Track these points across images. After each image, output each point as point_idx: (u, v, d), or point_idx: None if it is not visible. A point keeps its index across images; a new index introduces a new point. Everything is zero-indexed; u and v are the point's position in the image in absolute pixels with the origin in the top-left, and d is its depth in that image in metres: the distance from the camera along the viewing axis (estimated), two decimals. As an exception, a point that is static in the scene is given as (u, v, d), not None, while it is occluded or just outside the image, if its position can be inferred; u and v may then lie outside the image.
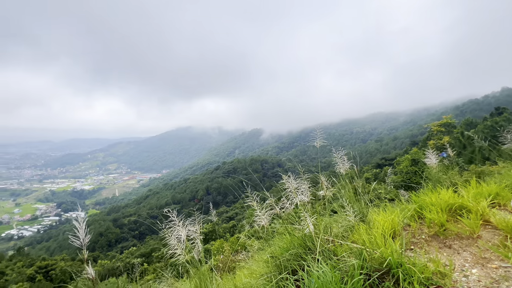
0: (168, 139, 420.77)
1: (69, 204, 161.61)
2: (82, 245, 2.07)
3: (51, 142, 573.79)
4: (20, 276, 30.53)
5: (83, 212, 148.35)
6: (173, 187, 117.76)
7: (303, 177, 2.73)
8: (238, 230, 33.32)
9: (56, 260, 32.63)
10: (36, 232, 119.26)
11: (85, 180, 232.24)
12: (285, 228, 2.41)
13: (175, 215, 2.60)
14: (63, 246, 73.28)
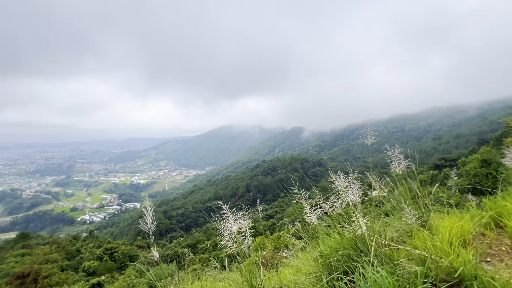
0: (211, 138, 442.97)
1: (127, 196, 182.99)
2: (149, 231, 2.32)
3: (114, 141, 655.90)
4: (91, 255, 35.73)
5: (139, 203, 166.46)
6: (215, 183, 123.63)
7: (352, 176, 2.58)
8: (277, 229, 33.33)
9: (118, 244, 37.30)
10: (102, 218, 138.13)
11: (140, 174, 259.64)
12: (334, 228, 2.31)
13: (221, 209, 2.73)
14: (123, 232, 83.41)
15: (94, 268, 26.04)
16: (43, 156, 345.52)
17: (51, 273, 19.27)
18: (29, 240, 47.34)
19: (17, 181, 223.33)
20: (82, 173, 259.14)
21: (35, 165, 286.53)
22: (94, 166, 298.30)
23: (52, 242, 40.51)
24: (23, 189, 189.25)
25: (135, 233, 72.90)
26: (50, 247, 35.62)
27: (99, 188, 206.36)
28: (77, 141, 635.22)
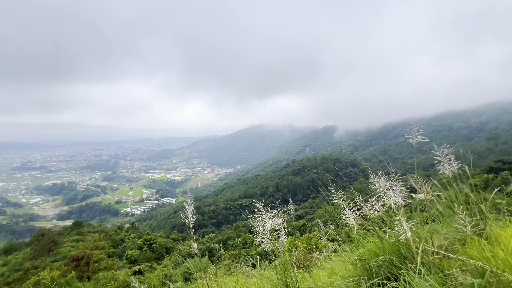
0: (241, 137, 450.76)
1: (164, 191, 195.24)
2: (190, 224, 2.44)
3: (153, 140, 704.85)
4: (133, 245, 38.88)
5: (174, 199, 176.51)
6: (245, 182, 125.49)
7: (393, 177, 2.40)
8: (308, 230, 32.64)
9: (156, 236, 40.05)
10: (142, 211, 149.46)
11: (175, 172, 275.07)
12: (374, 231, 2.18)
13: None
14: (160, 225, 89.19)
15: (135, 257, 28.33)
16: (93, 153, 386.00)
17: (100, 258, 21.46)
18: (82, 228, 53.22)
19: (73, 175, 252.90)
20: (125, 169, 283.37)
21: (87, 162, 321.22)
22: (135, 163, 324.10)
23: (100, 231, 45.09)
24: (77, 183, 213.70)
25: (170, 226, 77.53)
26: (99, 235, 39.67)
27: (140, 184, 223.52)
28: (121, 140, 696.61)
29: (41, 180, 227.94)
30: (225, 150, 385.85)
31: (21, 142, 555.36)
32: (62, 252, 36.73)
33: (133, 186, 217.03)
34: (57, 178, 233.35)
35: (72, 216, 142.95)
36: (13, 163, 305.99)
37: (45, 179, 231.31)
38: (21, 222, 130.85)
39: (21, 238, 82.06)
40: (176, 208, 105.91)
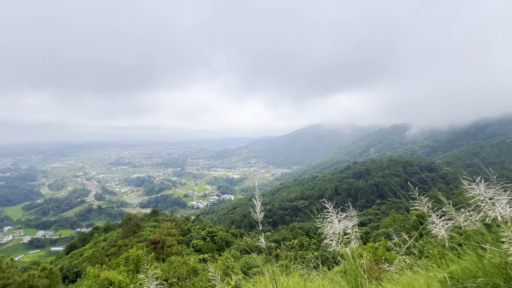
0: (298, 137, 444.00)
1: (224, 188, 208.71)
2: (258, 219, 2.50)
3: (214, 140, 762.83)
4: (198, 235, 42.84)
5: (233, 196, 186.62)
6: (302, 183, 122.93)
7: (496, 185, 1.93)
8: (372, 239, 29.68)
9: (217, 229, 43.20)
10: (205, 206, 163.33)
11: (234, 170, 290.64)
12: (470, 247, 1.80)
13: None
14: (221, 219, 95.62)
15: (200, 246, 31.16)
16: (167, 152, 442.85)
17: (172, 244, 24.43)
18: (158, 216, 61.50)
19: (151, 170, 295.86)
20: (191, 167, 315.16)
21: (162, 159, 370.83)
22: (200, 161, 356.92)
23: (172, 220, 51.41)
24: (154, 177, 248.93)
25: (229, 221, 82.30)
26: (171, 224, 45.26)
27: (203, 180, 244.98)
28: (188, 140, 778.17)
29: (128, 173, 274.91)
30: (281, 150, 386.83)
31: (115, 142, 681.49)
32: (143, 235, 43.29)
33: (198, 182, 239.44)
34: (140, 172, 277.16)
35: (150, 205, 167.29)
36: (110, 159, 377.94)
37: (132, 173, 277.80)
38: (115, 207, 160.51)
39: (115, 220, 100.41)
40: (235, 205, 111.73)
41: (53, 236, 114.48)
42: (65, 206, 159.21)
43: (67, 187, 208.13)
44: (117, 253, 21.32)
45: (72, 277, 21.49)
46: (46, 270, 7.31)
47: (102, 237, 50.51)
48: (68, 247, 54.12)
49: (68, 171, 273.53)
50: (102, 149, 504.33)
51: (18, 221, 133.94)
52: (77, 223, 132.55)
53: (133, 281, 8.00)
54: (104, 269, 11.06)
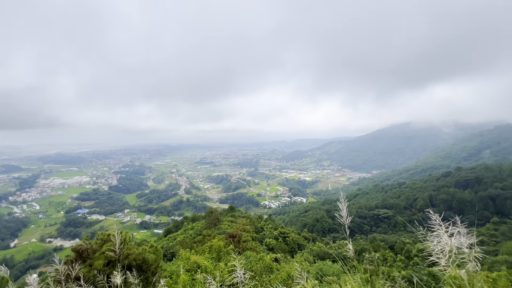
0: (379, 138, 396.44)
1: (296, 190, 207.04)
2: (344, 224, 2.37)
3: (286, 142, 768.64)
4: (270, 234, 43.98)
5: (305, 198, 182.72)
6: (384, 189, 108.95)
7: None
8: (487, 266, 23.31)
9: (289, 230, 43.28)
10: (277, 206, 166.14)
11: (306, 172, 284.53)
12: None
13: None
14: (292, 221, 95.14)
15: (272, 245, 31.91)
16: (242, 153, 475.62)
17: (247, 239, 25.98)
18: (234, 212, 66.49)
19: (228, 169, 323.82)
20: (264, 167, 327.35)
21: (237, 159, 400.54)
22: (271, 162, 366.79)
23: (246, 217, 54.68)
24: (231, 176, 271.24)
25: (301, 224, 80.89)
26: (246, 220, 48.23)
27: (275, 181, 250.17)
28: (261, 142, 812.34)
29: (210, 171, 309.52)
30: (358, 152, 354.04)
31: (200, 144, 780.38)
32: (222, 228, 47.73)
33: (270, 183, 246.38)
34: (219, 171, 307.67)
35: (227, 201, 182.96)
36: (195, 158, 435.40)
37: (212, 171, 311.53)
38: (200, 201, 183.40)
39: (199, 212, 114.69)
40: (307, 208, 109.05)
41: (155, 220, 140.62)
42: (164, 197, 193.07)
43: (165, 181, 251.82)
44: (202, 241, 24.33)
45: (169, 256, 25.79)
46: (153, 247, 9.00)
47: (190, 225, 58.62)
48: (165, 231, 65.32)
49: (166, 168, 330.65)
50: (190, 150, 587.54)
51: (133, 206, 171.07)
52: (172, 212, 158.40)
53: (216, 268, 8.89)
54: (193, 253, 12.82)
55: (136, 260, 7.71)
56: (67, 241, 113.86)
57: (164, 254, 26.41)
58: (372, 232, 70.82)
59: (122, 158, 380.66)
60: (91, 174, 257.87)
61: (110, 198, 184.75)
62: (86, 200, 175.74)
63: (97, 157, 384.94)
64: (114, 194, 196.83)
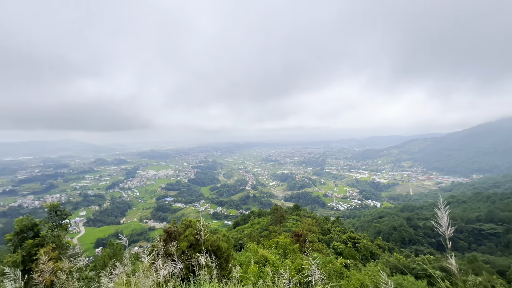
0: (482, 134, 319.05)
1: (368, 193, 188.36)
2: (445, 235, 2.02)
3: (356, 139, 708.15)
4: (338, 237, 41.48)
5: (379, 202, 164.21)
6: (490, 199, 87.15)
7: None
8: None
9: (360, 236, 39.73)
10: (345, 209, 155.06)
11: (381, 174, 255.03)
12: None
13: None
14: (363, 226, 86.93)
15: (341, 250, 30.01)
16: (307, 151, 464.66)
17: (313, 240, 25.28)
18: (299, 211, 65.69)
19: (293, 167, 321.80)
20: (331, 167, 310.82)
21: (302, 158, 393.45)
22: (339, 162, 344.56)
23: (312, 217, 53.14)
24: (296, 174, 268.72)
25: (374, 231, 73.03)
26: (311, 220, 46.93)
27: (343, 182, 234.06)
28: (327, 140, 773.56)
29: (275, 169, 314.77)
30: (451, 151, 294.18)
31: (265, 142, 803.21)
32: (287, 225, 47.88)
33: (337, 183, 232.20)
34: (284, 169, 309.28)
35: (292, 199, 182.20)
36: (261, 156, 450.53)
37: (277, 169, 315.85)
38: (265, 197, 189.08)
39: (265, 208, 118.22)
40: (381, 213, 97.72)
41: (225, 212, 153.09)
42: (233, 191, 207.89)
43: (234, 176, 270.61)
44: (268, 236, 25.05)
45: (238, 247, 27.62)
46: (225, 236, 9.77)
47: (256, 220, 61.21)
48: (234, 223, 70.25)
49: (234, 165, 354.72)
50: (256, 148, 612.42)
51: (207, 198, 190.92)
52: (240, 206, 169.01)
53: (283, 264, 8.96)
54: (260, 247, 13.32)
55: (212, 246, 8.54)
56: (158, 223, 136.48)
57: (234, 244, 28.44)
58: (470, 250, 57.81)
59: (198, 155, 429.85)
60: (175, 168, 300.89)
61: (189, 190, 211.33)
62: (171, 190, 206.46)
63: (179, 153, 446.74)
64: (192, 186, 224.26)
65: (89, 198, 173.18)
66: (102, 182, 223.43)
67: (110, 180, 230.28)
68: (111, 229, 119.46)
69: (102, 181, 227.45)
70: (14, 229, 6.63)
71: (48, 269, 3.96)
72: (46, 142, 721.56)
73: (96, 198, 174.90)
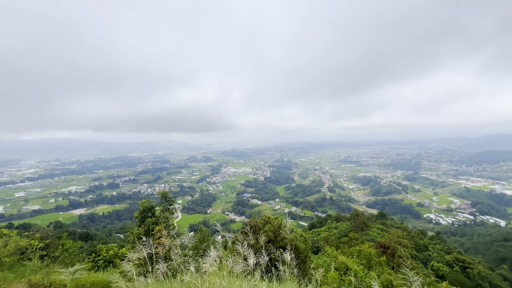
0: None
1: (485, 206, 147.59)
2: None
3: (466, 138, 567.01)
4: (439, 257, 34.31)
5: (503, 221, 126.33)
6: None
7: None
8: None
9: (473, 260, 31.51)
10: (450, 223, 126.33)
11: (506, 183, 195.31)
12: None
13: None
14: (478, 249, 68.52)
15: (443, 273, 24.67)
16: (395, 152, 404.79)
17: (403, 255, 21.78)
18: (385, 220, 58.09)
19: (378, 170, 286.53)
20: (428, 171, 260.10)
21: (389, 159, 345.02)
22: (441, 165, 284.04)
23: (402, 228, 45.86)
24: (381, 178, 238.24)
25: (495, 257, 56.40)
26: (402, 232, 40.58)
27: (446, 190, 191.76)
28: (423, 139, 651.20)
29: (355, 171, 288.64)
30: None
31: (343, 141, 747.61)
32: (370, 234, 43.08)
33: (437, 191, 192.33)
34: (366, 171, 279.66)
35: (376, 206, 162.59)
36: (339, 157, 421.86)
37: (358, 171, 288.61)
38: (343, 201, 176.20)
39: (343, 213, 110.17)
40: (507, 235, 74.44)
41: (300, 213, 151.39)
42: (308, 192, 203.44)
43: (309, 177, 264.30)
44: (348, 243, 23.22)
45: (314, 250, 26.85)
46: (303, 237, 9.67)
47: (333, 224, 57.86)
48: (310, 225, 68.56)
49: (310, 165, 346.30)
50: (333, 148, 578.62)
51: (282, 197, 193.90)
52: (315, 208, 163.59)
53: (367, 276, 8.15)
54: (339, 253, 12.50)
55: (290, 245, 8.61)
56: (237, 216, 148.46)
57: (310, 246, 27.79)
58: None
59: (273, 154, 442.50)
60: (252, 166, 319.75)
61: (265, 187, 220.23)
62: (249, 186, 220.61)
63: (256, 152, 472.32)
64: (267, 184, 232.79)
65: (184, 189, 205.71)
66: (194, 176, 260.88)
67: (199, 175, 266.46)
68: (200, 217, 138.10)
69: (193, 175, 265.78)
70: (138, 208, 8.67)
71: (165, 243, 4.96)
72: (155, 142, 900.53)
73: (189, 190, 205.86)
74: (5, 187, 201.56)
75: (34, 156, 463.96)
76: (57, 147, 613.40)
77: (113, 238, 61.34)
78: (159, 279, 3.59)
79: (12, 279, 4.12)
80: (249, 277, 3.51)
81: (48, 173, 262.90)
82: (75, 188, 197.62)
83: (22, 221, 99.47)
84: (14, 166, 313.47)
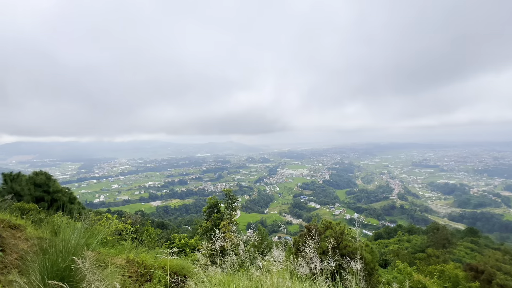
0: None
1: None
2: None
3: None
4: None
5: None
6: None
7: None
8: None
9: None
10: None
11: None
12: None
13: None
14: None
15: None
16: (492, 155, 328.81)
17: (506, 284, 17.46)
18: (477, 238, 47.84)
19: (465, 177, 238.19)
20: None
21: (483, 164, 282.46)
22: None
23: (504, 251, 36.70)
24: (470, 186, 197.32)
25: None
26: (501, 255, 32.57)
27: None
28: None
29: (433, 177, 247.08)
30: None
31: (418, 143, 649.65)
32: (455, 253, 36.15)
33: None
34: (449, 178, 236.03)
35: (463, 220, 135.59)
36: (412, 160, 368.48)
37: (438, 177, 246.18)
38: (418, 210, 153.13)
39: (417, 224, 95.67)
40: None
41: (363, 220, 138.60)
42: (373, 198, 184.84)
43: (374, 182, 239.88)
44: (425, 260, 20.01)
45: (381, 263, 24.18)
46: (369, 247, 8.84)
47: (405, 237, 50.92)
48: (375, 235, 62.10)
49: (375, 168, 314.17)
50: (404, 149, 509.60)
51: (342, 202, 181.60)
52: (382, 216, 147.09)
53: (454, 303, 6.89)
54: (414, 269, 10.89)
55: (353, 254, 8.00)
56: (294, 218, 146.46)
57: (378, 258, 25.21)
58: None
59: (333, 156, 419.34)
60: (310, 168, 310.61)
61: (324, 191, 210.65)
62: (306, 189, 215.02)
63: (313, 154, 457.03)
64: (326, 187, 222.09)
65: (243, 189, 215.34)
66: (251, 177, 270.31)
67: (257, 175, 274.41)
68: (257, 217, 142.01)
69: (251, 176, 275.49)
70: (203, 204, 9.53)
71: (233, 238, 5.33)
72: (217, 143, 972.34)
73: (247, 189, 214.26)
74: (105, 180, 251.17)
75: (125, 155, 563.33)
76: (140, 148, 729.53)
77: (183, 229, 68.99)
78: (227, 271, 3.85)
79: (114, 254, 5.11)
80: (314, 282, 3.42)
81: (134, 169, 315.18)
82: (154, 183, 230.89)
83: (116, 208, 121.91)
84: (111, 163, 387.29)
